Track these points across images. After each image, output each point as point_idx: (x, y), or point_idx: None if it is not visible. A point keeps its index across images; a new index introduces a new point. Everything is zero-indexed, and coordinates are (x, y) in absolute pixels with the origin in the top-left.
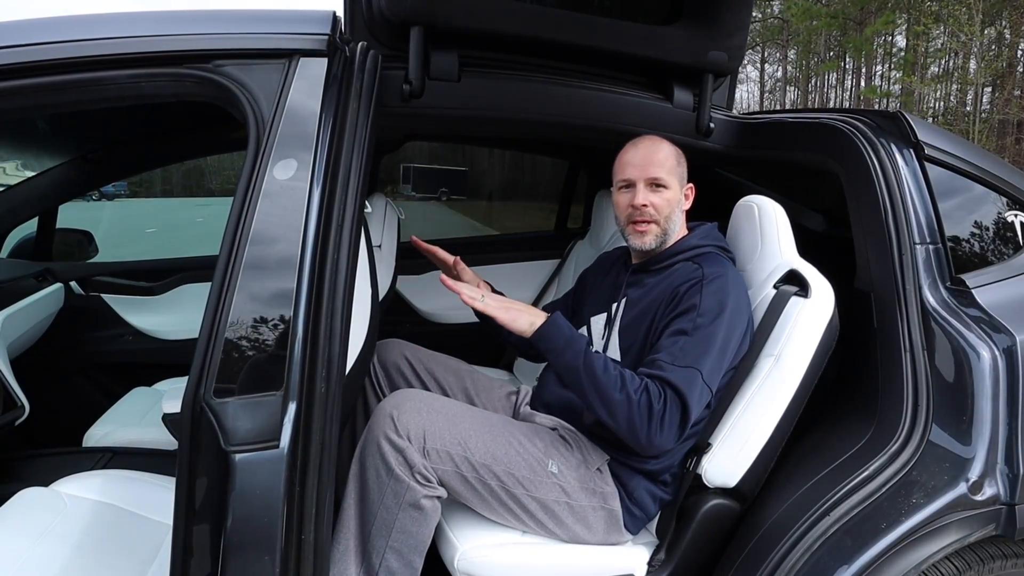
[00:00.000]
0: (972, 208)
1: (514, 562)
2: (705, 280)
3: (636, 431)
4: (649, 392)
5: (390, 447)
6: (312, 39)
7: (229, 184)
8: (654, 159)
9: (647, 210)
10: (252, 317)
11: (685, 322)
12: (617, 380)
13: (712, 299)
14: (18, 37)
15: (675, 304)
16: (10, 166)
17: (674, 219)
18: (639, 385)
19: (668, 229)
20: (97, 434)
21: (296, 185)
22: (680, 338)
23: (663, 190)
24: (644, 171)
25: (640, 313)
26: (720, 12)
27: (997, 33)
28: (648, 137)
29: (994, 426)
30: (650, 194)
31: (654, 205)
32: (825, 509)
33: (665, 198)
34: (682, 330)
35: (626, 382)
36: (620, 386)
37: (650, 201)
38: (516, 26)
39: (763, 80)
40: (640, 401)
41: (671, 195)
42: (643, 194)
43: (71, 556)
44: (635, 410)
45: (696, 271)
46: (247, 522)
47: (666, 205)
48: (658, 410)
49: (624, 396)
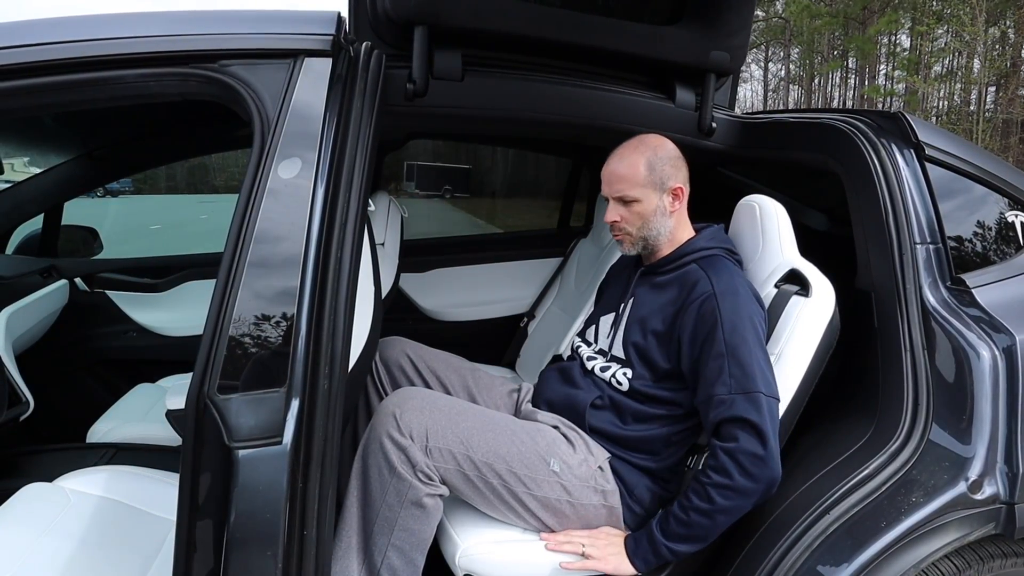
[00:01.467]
0: (972, 208)
1: (515, 559)
2: (717, 295)
3: (750, 494)
4: (718, 483)
5: (393, 445)
6: (317, 39)
7: (233, 181)
8: (618, 174)
9: (617, 225)
10: (256, 314)
11: (718, 344)
12: (706, 508)
13: (731, 312)
14: (28, 37)
15: (695, 326)
16: (17, 163)
17: (655, 226)
18: (710, 479)
19: (647, 236)
20: (101, 430)
21: (300, 184)
22: (722, 362)
23: (633, 204)
24: (610, 188)
25: (648, 314)
26: (722, 12)
27: (1001, 32)
28: (621, 149)
29: (994, 425)
30: (620, 208)
31: (624, 219)
32: (825, 507)
33: (635, 211)
34: (719, 353)
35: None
36: (710, 504)
37: (620, 215)
38: (519, 26)
39: (767, 79)
40: (724, 497)
41: (642, 207)
42: (612, 211)
43: (75, 551)
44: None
45: (703, 283)
46: (250, 518)
47: (636, 218)
48: (737, 469)
49: (715, 507)
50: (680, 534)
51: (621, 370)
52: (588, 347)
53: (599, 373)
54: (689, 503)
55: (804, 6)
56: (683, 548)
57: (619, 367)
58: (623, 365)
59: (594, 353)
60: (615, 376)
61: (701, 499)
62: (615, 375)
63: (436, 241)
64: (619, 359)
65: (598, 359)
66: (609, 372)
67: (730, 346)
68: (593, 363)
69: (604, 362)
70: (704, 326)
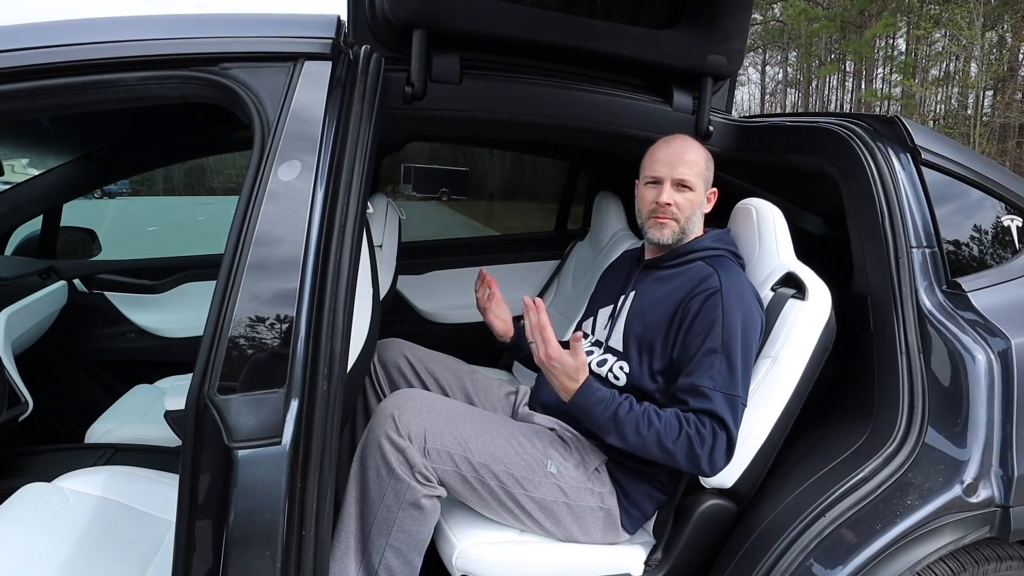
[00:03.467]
0: (968, 212)
1: (511, 560)
2: (724, 292)
3: (685, 468)
4: (691, 439)
5: (391, 447)
6: (316, 42)
7: (230, 183)
8: (684, 159)
9: (670, 208)
10: (256, 315)
11: (714, 340)
12: (654, 437)
13: (735, 314)
14: (29, 40)
15: (696, 315)
16: (17, 164)
17: (694, 220)
18: (678, 432)
19: (686, 228)
20: (99, 430)
21: (300, 186)
22: (714, 358)
23: (687, 191)
24: (673, 170)
25: (649, 306)
26: (719, 16)
27: (998, 37)
28: (682, 137)
29: (989, 429)
30: (675, 193)
31: (677, 204)
32: (821, 510)
33: (688, 199)
34: (713, 349)
35: (661, 436)
36: (657, 442)
37: (674, 200)
38: (517, 29)
39: (764, 82)
40: (680, 450)
41: (694, 197)
42: (668, 192)
43: (74, 551)
44: (679, 457)
45: (712, 279)
46: (249, 518)
47: (688, 206)
48: (706, 449)
49: (662, 451)
50: (623, 430)
51: (618, 363)
52: (585, 339)
53: (596, 368)
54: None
55: (801, 9)
56: (611, 438)
57: (616, 360)
58: (620, 358)
59: (590, 345)
60: (612, 371)
61: (665, 436)
62: (612, 369)
63: (434, 243)
64: (616, 351)
65: (594, 351)
66: (606, 367)
67: (725, 345)
68: (589, 357)
69: (600, 354)
70: (705, 317)
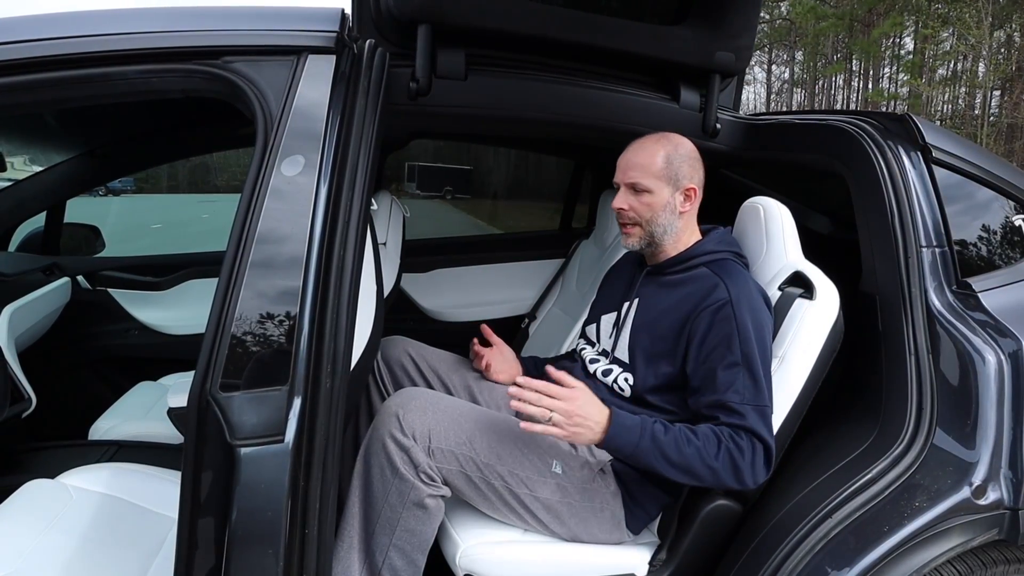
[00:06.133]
0: (979, 212)
1: (515, 559)
2: (735, 302)
3: (731, 485)
4: (731, 453)
5: (395, 446)
6: (321, 36)
7: (234, 181)
8: (635, 162)
9: (625, 213)
10: (259, 312)
11: (734, 353)
12: (696, 455)
13: (748, 322)
14: (29, 32)
15: (709, 330)
16: (19, 161)
17: (662, 222)
18: (717, 446)
19: (654, 232)
20: (103, 427)
21: (303, 182)
22: (737, 372)
23: (644, 194)
24: (624, 175)
25: (655, 317)
26: (727, 12)
27: (1006, 36)
28: (642, 139)
29: (998, 430)
30: (629, 197)
31: (633, 208)
32: (828, 511)
33: (645, 202)
34: (734, 363)
35: (702, 454)
36: (700, 459)
37: (628, 204)
38: (523, 25)
39: (770, 81)
40: (724, 467)
41: (653, 199)
42: (620, 197)
43: (76, 547)
44: (723, 475)
45: (719, 290)
46: (251, 515)
47: (646, 209)
48: (748, 462)
49: (707, 469)
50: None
51: (623, 375)
52: (591, 348)
53: (601, 377)
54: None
55: (810, 7)
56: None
57: (621, 371)
58: (625, 369)
59: (596, 354)
60: (617, 382)
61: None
62: (617, 380)
63: (438, 242)
64: (622, 362)
65: (600, 361)
66: (611, 377)
67: (745, 356)
68: (596, 366)
69: (606, 364)
70: (719, 332)
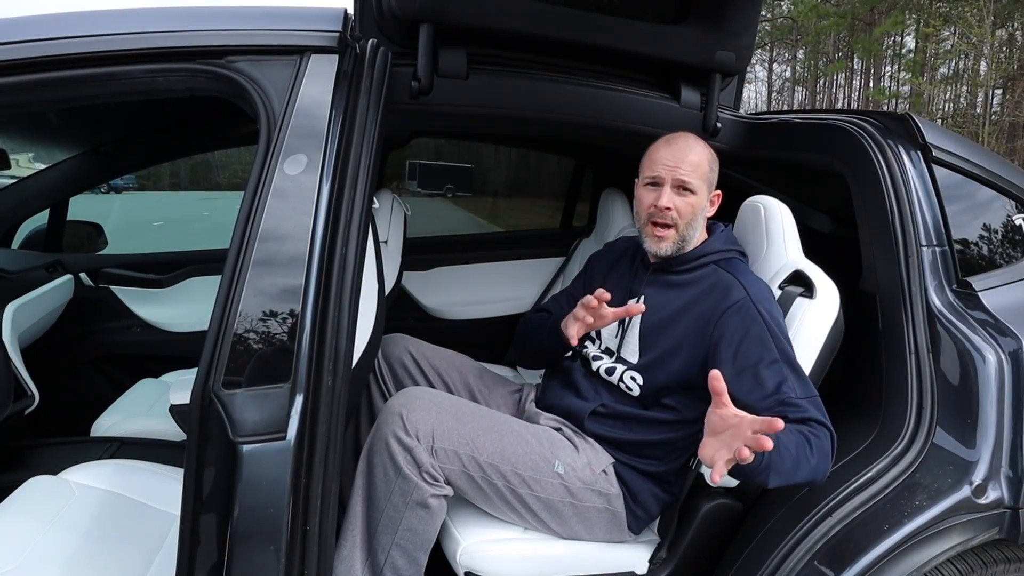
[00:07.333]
0: (979, 211)
1: (515, 556)
2: (754, 298)
3: (825, 476)
4: (820, 446)
5: (399, 446)
6: (323, 36)
7: (236, 178)
8: (686, 160)
9: (669, 213)
10: (261, 310)
11: (769, 351)
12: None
13: (770, 316)
14: (35, 32)
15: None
16: (23, 158)
17: (695, 225)
18: (805, 440)
19: (687, 236)
20: (105, 424)
21: (306, 180)
22: (780, 367)
23: (689, 195)
24: (674, 172)
25: (667, 319)
26: (728, 11)
27: (1008, 35)
28: (685, 135)
29: (999, 429)
30: (675, 197)
31: (677, 209)
32: (828, 510)
33: (690, 203)
34: (773, 360)
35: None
36: (808, 463)
37: (674, 204)
38: (524, 24)
39: (771, 80)
40: (821, 460)
41: (696, 200)
42: (668, 196)
43: (79, 544)
44: (822, 465)
45: (736, 289)
46: (253, 512)
47: (689, 211)
48: (829, 449)
49: (812, 470)
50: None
51: (630, 373)
52: (593, 344)
53: (604, 376)
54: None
55: (812, 6)
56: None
57: (627, 369)
58: (632, 368)
59: (600, 352)
60: (623, 380)
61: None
62: (623, 379)
63: (439, 240)
64: (628, 362)
65: (604, 359)
66: (616, 375)
67: (782, 352)
68: (599, 363)
69: (610, 363)
70: (749, 331)
